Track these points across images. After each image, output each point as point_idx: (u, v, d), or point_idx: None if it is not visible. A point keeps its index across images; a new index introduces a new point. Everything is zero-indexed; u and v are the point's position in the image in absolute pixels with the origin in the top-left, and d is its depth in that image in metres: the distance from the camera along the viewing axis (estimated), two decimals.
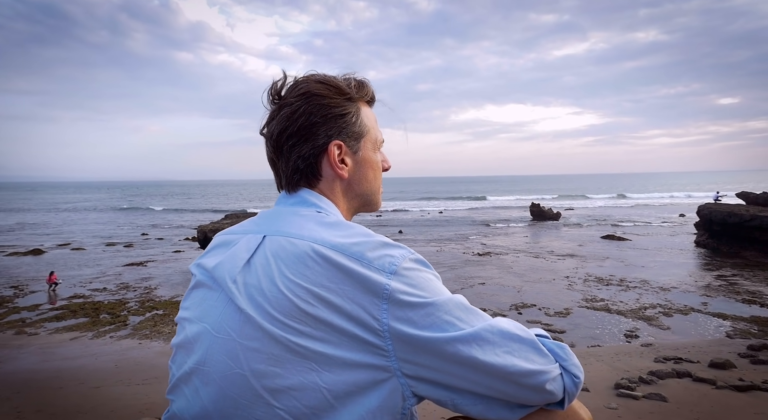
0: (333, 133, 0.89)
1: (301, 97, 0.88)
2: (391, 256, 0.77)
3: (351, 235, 0.79)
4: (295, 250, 0.77)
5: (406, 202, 65.80)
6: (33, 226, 36.80)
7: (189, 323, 0.84)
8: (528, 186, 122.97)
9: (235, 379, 0.74)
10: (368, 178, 0.96)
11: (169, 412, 0.83)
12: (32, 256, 21.19)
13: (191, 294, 0.87)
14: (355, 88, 0.93)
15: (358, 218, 39.20)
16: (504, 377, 0.77)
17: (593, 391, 6.05)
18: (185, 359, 0.81)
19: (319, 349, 0.72)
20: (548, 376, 0.79)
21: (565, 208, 45.47)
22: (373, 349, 0.73)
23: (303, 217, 0.84)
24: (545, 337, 0.87)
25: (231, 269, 0.81)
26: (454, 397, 0.78)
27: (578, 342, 9.28)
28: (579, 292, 13.34)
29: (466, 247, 22.39)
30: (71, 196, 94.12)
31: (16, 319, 11.32)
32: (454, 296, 0.78)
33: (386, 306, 0.73)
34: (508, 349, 0.77)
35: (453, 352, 0.74)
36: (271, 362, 0.72)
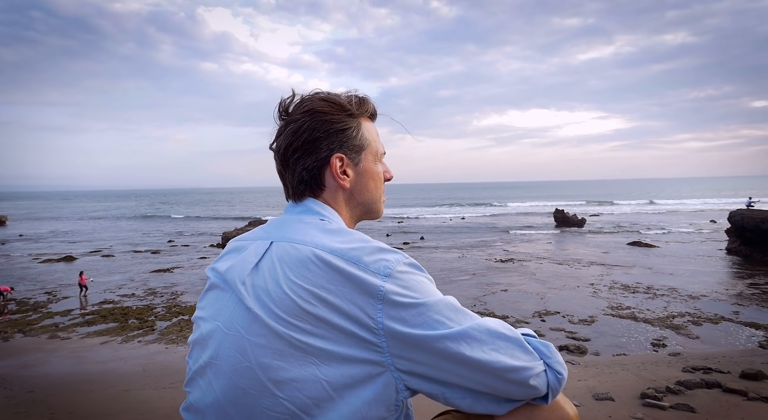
0: (335, 147, 0.96)
1: (305, 114, 0.96)
2: (386, 260, 0.83)
3: (350, 240, 0.85)
4: (299, 255, 0.84)
5: (428, 208, 65.57)
6: (65, 233, 38.01)
7: (203, 322, 0.91)
8: (552, 192, 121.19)
9: (244, 372, 0.81)
10: (369, 188, 1.03)
11: (187, 402, 0.90)
12: (65, 263, 21.88)
13: (206, 295, 0.95)
14: (356, 105, 1.00)
15: (379, 225, 39.33)
16: (490, 372, 0.82)
17: (618, 401, 5.93)
18: (200, 354, 0.89)
19: (319, 345, 0.78)
20: (532, 372, 0.85)
21: (590, 214, 44.65)
22: (369, 345, 0.79)
23: (307, 225, 0.91)
24: (532, 336, 0.93)
25: (241, 272, 0.88)
26: (445, 390, 0.84)
27: (603, 350, 9.11)
28: (604, 299, 13.08)
29: (489, 253, 22.20)
30: (101, 204, 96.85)
31: (49, 323, 11.71)
32: (444, 297, 0.84)
33: (381, 306, 0.79)
34: (494, 347, 0.83)
35: (442, 348, 0.79)
36: (276, 357, 0.79)
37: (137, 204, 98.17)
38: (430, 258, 21.04)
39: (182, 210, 72.05)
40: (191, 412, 0.88)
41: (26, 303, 13.91)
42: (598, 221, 38.74)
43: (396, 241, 28.24)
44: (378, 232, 33.38)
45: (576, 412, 0.94)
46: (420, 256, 21.53)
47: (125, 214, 62.72)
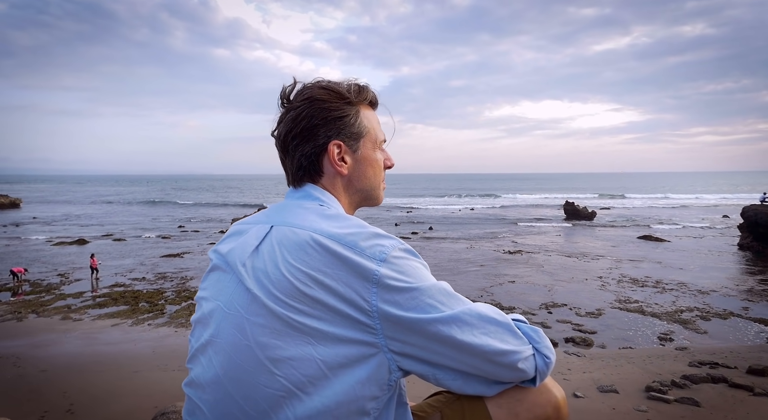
0: (332, 134, 0.98)
1: (304, 102, 0.98)
2: (382, 245, 0.85)
3: (347, 226, 0.88)
4: (297, 239, 0.86)
5: (438, 198, 65.44)
6: (77, 217, 38.51)
7: (205, 301, 0.95)
8: (563, 184, 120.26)
9: (243, 350, 0.84)
10: (367, 175, 1.05)
11: (189, 378, 0.93)
12: (77, 246, 22.21)
13: (208, 276, 0.98)
14: (354, 93, 1.01)
15: (388, 215, 39.33)
16: (480, 355, 0.85)
17: (623, 394, 5.94)
18: (202, 333, 0.92)
19: (315, 326, 0.81)
20: (521, 356, 0.88)
21: (601, 207, 44.29)
22: (363, 327, 0.82)
23: (306, 210, 0.94)
24: (523, 321, 0.96)
25: (241, 255, 0.91)
26: (436, 372, 0.88)
27: (609, 343, 9.10)
28: (612, 292, 13.03)
29: (498, 244, 22.15)
30: (113, 189, 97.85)
31: (62, 305, 11.93)
32: (438, 283, 0.87)
33: (375, 289, 0.81)
34: (484, 331, 0.86)
35: (434, 331, 0.82)
36: (274, 336, 0.82)
37: (149, 189, 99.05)
38: (438, 248, 21.04)
39: (193, 196, 72.61)
40: (192, 388, 0.92)
41: (39, 284, 14.17)
42: (609, 214, 38.42)
43: (404, 230, 28.26)
44: (386, 222, 33.42)
45: (563, 396, 0.97)
46: (428, 247, 21.54)
47: (137, 199, 63.35)
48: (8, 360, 7.33)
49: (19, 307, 11.49)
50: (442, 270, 16.08)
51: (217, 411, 0.86)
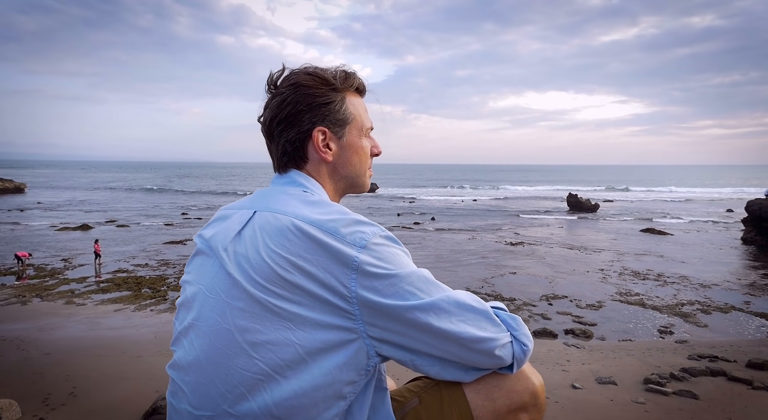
0: (317, 120, 0.98)
1: (290, 88, 0.98)
2: (363, 232, 0.86)
3: (328, 212, 0.88)
4: (278, 224, 0.86)
5: (440, 189, 65.37)
6: (81, 202, 38.65)
7: (189, 285, 0.96)
8: (567, 176, 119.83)
9: (222, 333, 0.85)
10: (353, 162, 1.05)
11: (172, 361, 0.95)
12: (81, 232, 22.32)
13: (193, 260, 0.99)
14: (340, 79, 1.01)
15: (390, 204, 39.30)
16: (457, 342, 0.87)
17: (621, 385, 5.97)
18: (185, 316, 0.93)
19: (294, 311, 0.82)
20: (498, 343, 0.90)
21: (604, 199, 44.16)
22: (343, 312, 0.82)
23: (289, 196, 0.94)
24: (503, 309, 0.97)
25: (224, 239, 0.92)
26: (414, 358, 0.89)
27: (609, 335, 9.12)
28: (613, 285, 13.04)
29: (499, 236, 22.14)
30: (117, 175, 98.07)
31: (65, 290, 12.02)
32: (417, 270, 0.88)
33: (355, 276, 0.82)
34: (462, 318, 0.87)
35: (411, 318, 0.83)
36: (253, 320, 0.83)
37: (152, 176, 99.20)
38: (440, 239, 21.05)
39: (196, 183, 72.72)
40: (175, 369, 0.93)
41: (44, 269, 14.27)
42: (612, 207, 38.30)
43: (406, 221, 28.27)
44: (389, 212, 33.45)
45: (542, 383, 0.99)
46: (430, 237, 21.55)
47: (140, 186, 63.47)
48: (12, 343, 7.42)
49: (24, 291, 11.59)
50: (444, 261, 16.10)
51: (197, 393, 0.87)
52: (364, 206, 37.87)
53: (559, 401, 5.33)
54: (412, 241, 20.21)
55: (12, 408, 4.87)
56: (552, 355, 7.74)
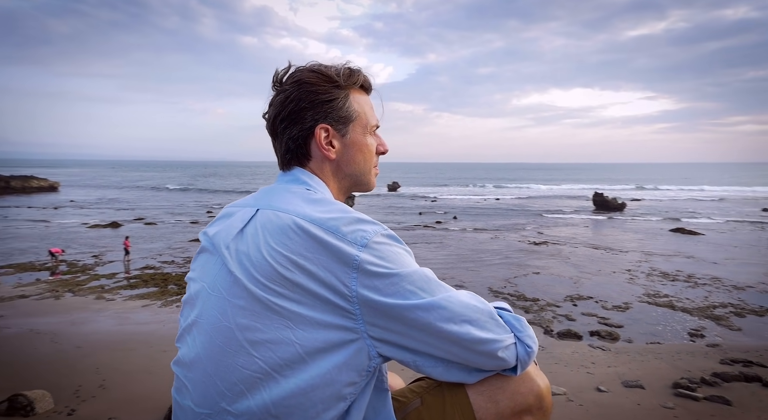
0: (319, 117, 0.98)
1: (293, 85, 0.98)
2: (364, 230, 0.85)
3: (330, 210, 0.88)
4: (280, 223, 0.86)
5: (463, 187, 64.93)
6: (111, 201, 39.72)
7: (193, 282, 0.96)
8: (593, 175, 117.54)
9: (223, 331, 0.85)
10: (356, 160, 1.04)
11: (176, 357, 0.95)
12: (111, 229, 22.94)
13: (198, 257, 0.99)
14: (344, 76, 1.00)
15: (411, 203, 39.17)
16: (459, 343, 0.85)
17: (648, 389, 5.82)
18: (189, 313, 0.93)
19: (294, 309, 0.81)
20: (501, 345, 0.88)
21: (632, 198, 43.15)
22: (343, 312, 0.82)
23: (292, 194, 0.94)
24: (507, 310, 0.95)
25: (226, 237, 0.92)
26: (416, 359, 0.87)
27: (636, 338, 8.90)
28: (641, 286, 12.73)
29: (522, 235, 21.87)
30: (145, 174, 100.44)
31: (96, 285, 12.37)
32: (419, 269, 0.86)
33: (356, 275, 0.81)
34: (465, 318, 0.85)
35: (413, 318, 0.82)
36: (253, 318, 0.82)
37: (178, 175, 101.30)
38: (461, 238, 20.91)
39: (220, 182, 73.94)
40: (179, 366, 0.93)
41: (75, 265, 14.71)
42: (640, 206, 37.40)
43: (428, 219, 28.17)
44: (410, 211, 33.40)
45: (547, 385, 0.97)
46: (452, 236, 21.42)
47: (167, 185, 64.87)
48: (46, 336, 7.67)
49: (57, 286, 11.97)
50: (466, 260, 15.98)
51: (199, 390, 0.87)
52: (386, 205, 37.89)
53: (583, 404, 5.23)
54: (433, 240, 20.13)
55: (45, 399, 5.04)
56: (576, 357, 7.60)
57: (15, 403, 4.89)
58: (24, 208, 31.89)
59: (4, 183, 44.64)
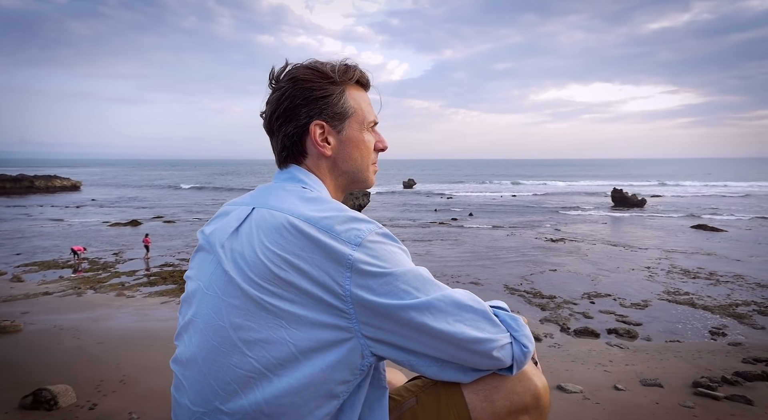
0: (314, 114, 0.97)
1: (288, 82, 0.98)
2: (358, 229, 0.84)
3: (324, 209, 0.87)
4: (274, 221, 0.86)
5: (479, 184, 64.52)
6: (131, 199, 40.44)
7: (190, 281, 0.97)
8: (612, 170, 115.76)
9: (217, 330, 0.85)
10: (353, 157, 1.03)
11: (174, 355, 0.96)
12: (131, 227, 23.36)
13: (195, 256, 1.00)
14: (339, 72, 1.00)
15: (427, 200, 38.99)
16: (454, 343, 0.85)
17: (667, 388, 5.73)
18: (186, 311, 0.95)
19: (288, 309, 0.81)
20: (496, 344, 0.87)
21: (652, 194, 42.38)
22: (337, 311, 0.81)
23: (288, 192, 0.94)
24: (504, 309, 0.95)
25: (221, 236, 0.92)
26: (410, 358, 0.87)
27: (655, 336, 8.76)
28: (660, 283, 12.51)
29: (539, 232, 21.65)
30: (163, 173, 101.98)
31: (116, 282, 12.62)
32: (414, 268, 0.85)
33: (349, 274, 0.80)
34: (459, 318, 0.85)
35: (407, 318, 0.82)
36: (247, 317, 0.83)
37: (196, 173, 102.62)
38: (477, 235, 20.79)
39: (238, 180, 74.70)
40: (177, 364, 0.94)
41: (97, 262, 15.03)
42: (661, 202, 36.71)
43: (444, 217, 28.07)
44: (425, 208, 33.30)
45: (545, 385, 0.96)
46: (467, 233, 21.32)
47: (185, 183, 65.77)
48: (69, 332, 7.85)
49: (79, 283, 12.24)
50: (481, 257, 15.89)
51: (194, 389, 0.88)
52: (401, 202, 37.86)
53: (600, 402, 5.17)
54: (448, 237, 20.06)
55: (68, 393, 5.16)
56: (594, 355, 7.51)
57: (39, 397, 5.02)
58: (48, 207, 32.68)
59: (28, 183, 45.77)
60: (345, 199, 7.33)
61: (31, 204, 34.62)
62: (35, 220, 25.61)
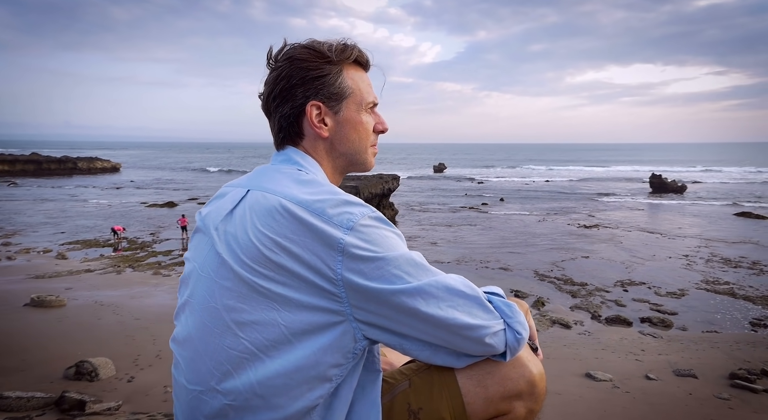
0: (310, 94, 0.96)
1: (285, 62, 0.96)
2: (350, 213, 0.83)
3: (317, 192, 0.86)
4: (267, 204, 0.86)
5: (511, 169, 63.47)
6: (167, 181, 41.64)
7: (188, 262, 0.98)
8: (651, 155, 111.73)
9: (211, 311, 0.86)
10: (351, 139, 1.01)
11: (173, 334, 0.98)
12: (167, 208, 24.11)
13: (193, 237, 1.00)
14: (337, 52, 0.97)
15: (457, 185, 38.64)
16: (445, 328, 0.84)
17: (702, 379, 5.58)
18: (184, 292, 0.96)
19: (280, 292, 0.81)
20: (489, 331, 0.86)
21: (693, 180, 40.76)
22: (329, 295, 0.81)
23: (282, 174, 0.93)
24: (499, 295, 0.93)
25: (215, 218, 0.93)
26: (403, 342, 0.87)
27: (691, 326, 8.50)
28: (699, 272, 12.09)
29: (572, 218, 21.19)
30: (198, 156, 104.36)
31: (153, 262, 13.09)
32: (407, 253, 0.84)
33: (341, 258, 0.80)
34: (451, 304, 0.84)
35: (398, 302, 0.81)
36: (240, 299, 0.83)
37: (229, 156, 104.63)
38: (507, 220, 20.52)
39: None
40: (174, 343, 0.96)
41: (135, 242, 15.62)
42: (702, 189, 35.30)
43: (474, 202, 27.80)
44: (455, 193, 33.04)
45: (541, 371, 0.94)
46: (497, 218, 21.06)
47: (220, 165, 67.19)
48: (109, 308, 8.21)
49: (119, 261, 12.76)
50: (511, 243, 15.69)
51: (190, 368, 0.90)
52: (431, 187, 37.66)
53: (630, 391, 5.08)
54: (478, 222, 19.87)
55: (108, 366, 5.41)
56: (625, 343, 7.36)
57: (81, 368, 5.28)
58: (90, 188, 34.05)
59: (72, 164, 47.73)
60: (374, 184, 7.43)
61: (75, 185, 36.13)
62: (78, 201, 26.75)
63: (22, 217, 20.41)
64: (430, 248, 14.81)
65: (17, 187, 34.04)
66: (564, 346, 7.18)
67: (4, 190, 31.86)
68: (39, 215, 20.93)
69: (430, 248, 14.82)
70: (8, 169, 43.40)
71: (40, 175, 43.32)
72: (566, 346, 7.18)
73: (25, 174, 43.21)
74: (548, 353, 6.88)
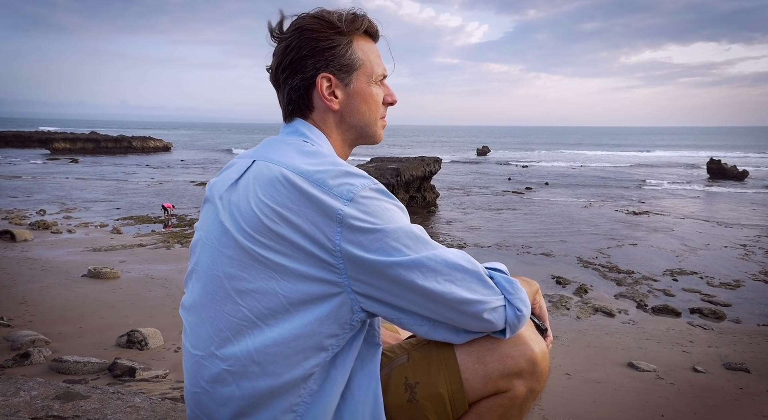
0: (320, 66, 0.94)
1: (294, 32, 0.95)
2: (351, 184, 0.83)
3: (319, 163, 0.86)
4: (269, 174, 0.87)
5: (557, 152, 61.57)
6: (214, 161, 42.98)
7: (196, 230, 1.01)
8: (710, 140, 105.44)
9: (213, 279, 0.89)
10: (361, 111, 1.00)
11: (182, 301, 1.02)
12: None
13: (203, 206, 1.03)
14: (347, 22, 0.95)
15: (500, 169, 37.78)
16: (443, 303, 0.83)
17: (755, 373, 5.32)
18: (192, 260, 0.99)
19: (279, 261, 0.83)
20: (487, 306, 0.85)
21: (755, 166, 38.23)
22: (327, 265, 0.82)
23: (288, 145, 0.93)
24: (502, 271, 0.91)
25: (220, 188, 0.95)
26: (400, 316, 0.87)
27: (746, 318, 8.06)
28: (757, 263, 11.41)
29: (621, 204, 20.38)
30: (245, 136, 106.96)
31: None
32: (406, 225, 0.83)
33: (340, 229, 0.80)
34: (450, 278, 0.83)
35: (395, 275, 0.81)
36: (240, 268, 0.85)
37: None
38: (550, 205, 19.98)
39: None
40: (182, 309, 1.00)
41: (184, 219, 16.26)
42: (767, 175, 33.07)
43: (518, 186, 27.21)
44: (499, 177, 32.43)
45: (543, 350, 0.93)
46: (540, 203, 20.54)
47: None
48: (158, 281, 8.63)
49: (168, 237, 13.35)
50: (554, 228, 15.28)
51: (194, 333, 0.93)
52: (472, 170, 37.09)
53: (675, 383, 4.91)
54: (521, 207, 19.46)
55: (156, 336, 5.71)
56: (672, 334, 7.09)
57: (132, 337, 5.59)
58: (143, 166, 35.65)
59: (127, 143, 50.07)
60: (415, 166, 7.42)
61: (129, 163, 37.92)
62: (132, 178, 28.07)
63: (82, 192, 21.65)
64: (470, 232, 14.65)
65: (78, 164, 36.11)
66: (606, 335, 7.00)
67: (67, 166, 33.92)
68: (97, 191, 22.14)
69: (471, 232, 14.66)
70: (70, 147, 46.04)
71: (98, 153, 45.71)
72: (608, 335, 6.99)
73: (85, 152, 45.68)
74: (589, 341, 6.72)
